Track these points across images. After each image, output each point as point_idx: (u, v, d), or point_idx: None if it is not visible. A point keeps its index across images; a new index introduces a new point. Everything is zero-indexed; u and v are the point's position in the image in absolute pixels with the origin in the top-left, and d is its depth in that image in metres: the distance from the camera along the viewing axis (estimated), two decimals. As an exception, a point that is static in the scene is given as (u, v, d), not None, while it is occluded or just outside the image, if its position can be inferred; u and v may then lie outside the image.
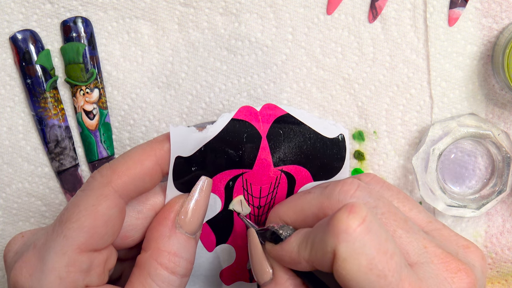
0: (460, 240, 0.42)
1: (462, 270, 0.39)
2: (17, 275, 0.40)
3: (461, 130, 0.51)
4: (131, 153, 0.42)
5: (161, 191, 0.44)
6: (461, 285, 0.38)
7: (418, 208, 0.43)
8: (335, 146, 0.49)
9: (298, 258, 0.40)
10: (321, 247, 0.37)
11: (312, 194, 0.43)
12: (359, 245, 0.36)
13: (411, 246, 0.39)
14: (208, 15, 0.53)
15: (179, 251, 0.42)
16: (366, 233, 0.36)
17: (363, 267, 0.36)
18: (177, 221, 0.43)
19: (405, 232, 0.40)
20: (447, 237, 0.41)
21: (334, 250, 0.36)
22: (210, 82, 0.54)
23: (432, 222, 0.43)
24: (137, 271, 0.42)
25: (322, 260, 0.37)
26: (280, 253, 0.41)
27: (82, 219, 0.39)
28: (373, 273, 0.36)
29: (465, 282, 0.38)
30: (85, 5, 0.53)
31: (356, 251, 0.36)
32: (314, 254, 0.38)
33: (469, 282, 0.38)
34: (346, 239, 0.36)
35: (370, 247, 0.36)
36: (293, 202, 0.44)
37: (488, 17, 0.53)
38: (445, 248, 0.40)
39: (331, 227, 0.36)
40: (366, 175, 0.45)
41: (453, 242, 0.41)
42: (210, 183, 0.44)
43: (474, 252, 0.41)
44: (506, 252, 0.55)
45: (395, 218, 0.40)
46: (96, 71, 0.53)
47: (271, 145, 0.47)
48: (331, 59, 0.54)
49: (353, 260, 0.36)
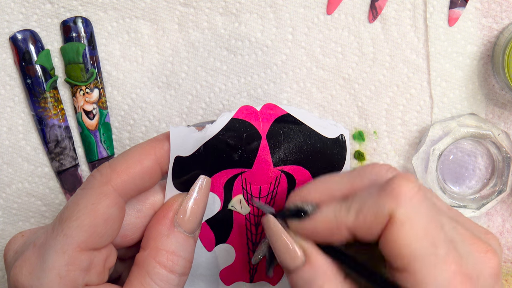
0: (479, 226, 0.42)
1: (490, 251, 0.39)
2: (17, 273, 0.40)
3: (461, 130, 0.51)
4: (131, 152, 0.42)
5: (160, 190, 0.44)
6: (491, 264, 0.38)
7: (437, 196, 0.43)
8: (336, 146, 0.49)
9: (336, 225, 0.39)
10: (374, 210, 0.37)
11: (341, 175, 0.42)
12: (417, 210, 0.36)
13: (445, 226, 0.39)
14: (208, 15, 0.53)
15: (177, 250, 0.42)
16: (423, 200, 0.36)
17: (419, 232, 0.36)
18: (175, 220, 0.43)
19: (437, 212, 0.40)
20: (468, 222, 0.42)
21: (391, 212, 0.36)
22: (210, 82, 0.54)
23: (451, 209, 0.43)
24: (135, 269, 0.42)
25: (371, 224, 0.37)
26: (311, 226, 0.40)
27: (82, 217, 0.39)
28: (427, 240, 0.36)
29: (493, 262, 0.39)
30: (85, 5, 0.53)
31: (414, 216, 0.36)
32: (363, 219, 0.37)
33: (496, 262, 0.39)
34: (406, 203, 0.36)
35: (426, 215, 0.36)
36: (317, 183, 0.43)
37: (488, 17, 0.53)
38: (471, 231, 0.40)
39: (390, 190, 0.36)
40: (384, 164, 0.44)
41: (474, 227, 0.41)
42: (208, 182, 0.44)
43: (494, 238, 0.41)
44: (506, 252, 0.55)
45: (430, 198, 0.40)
46: (96, 71, 0.53)
47: (271, 145, 0.47)
48: (331, 59, 0.54)
49: (411, 224, 0.36)
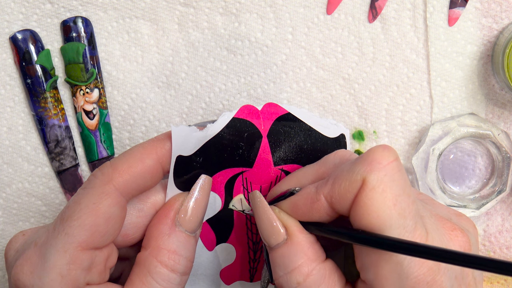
0: (452, 209, 0.42)
1: (457, 229, 0.39)
2: (18, 273, 0.40)
3: (461, 130, 0.51)
4: (132, 151, 0.42)
5: (162, 189, 0.44)
6: (458, 242, 0.39)
7: None
8: (336, 145, 0.49)
9: (315, 196, 0.39)
10: (348, 177, 0.37)
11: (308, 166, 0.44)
12: (389, 178, 0.36)
13: None
14: (208, 15, 0.53)
15: (178, 249, 0.42)
16: (397, 170, 0.36)
17: (388, 201, 0.36)
18: (177, 219, 0.43)
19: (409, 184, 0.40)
20: (439, 206, 0.42)
21: (364, 178, 0.36)
22: (210, 82, 0.54)
23: (422, 194, 0.43)
24: (137, 269, 0.42)
25: (345, 192, 0.37)
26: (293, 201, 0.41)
27: (84, 217, 0.39)
28: (395, 210, 0.36)
29: (461, 240, 0.39)
30: (85, 5, 0.53)
31: (385, 183, 0.36)
32: (338, 186, 0.38)
33: (465, 241, 0.39)
34: (378, 169, 0.36)
35: (398, 184, 0.36)
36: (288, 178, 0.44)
37: (488, 17, 0.53)
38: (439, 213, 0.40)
39: (365, 156, 0.37)
40: None
41: (445, 210, 0.42)
42: (210, 181, 0.44)
43: (466, 220, 0.41)
44: (504, 251, 0.55)
45: None
46: (96, 71, 0.53)
47: (271, 144, 0.47)
48: (331, 59, 0.54)
49: (382, 191, 0.36)
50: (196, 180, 0.44)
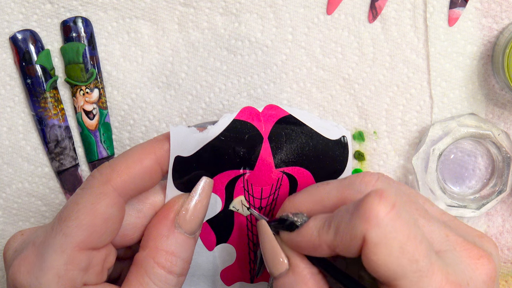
0: (474, 230, 0.42)
1: (483, 257, 0.39)
2: (16, 272, 0.40)
3: (461, 130, 0.51)
4: (131, 152, 0.42)
5: (161, 190, 0.44)
6: (484, 270, 0.38)
7: (430, 202, 0.44)
8: (338, 147, 0.49)
9: (318, 242, 0.39)
10: (349, 232, 0.37)
11: (331, 184, 0.43)
12: (390, 230, 0.36)
13: (434, 235, 0.39)
14: (208, 15, 0.53)
15: (177, 251, 0.42)
16: (396, 218, 0.36)
17: (395, 251, 0.36)
18: (176, 221, 0.43)
19: (427, 221, 0.40)
20: (462, 227, 0.42)
21: (364, 235, 0.36)
22: (210, 82, 0.54)
23: (445, 213, 0.43)
24: (134, 269, 0.42)
25: (348, 245, 0.37)
26: (297, 239, 0.41)
27: (81, 217, 0.39)
28: (405, 258, 0.36)
29: (487, 268, 0.39)
30: (85, 5, 0.53)
31: (387, 236, 0.36)
32: (340, 239, 0.38)
33: (491, 268, 0.39)
34: (377, 224, 0.36)
35: (401, 232, 0.36)
36: (310, 191, 0.44)
37: (488, 17, 0.53)
38: (464, 236, 0.40)
39: (362, 212, 0.36)
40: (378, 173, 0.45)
41: (468, 232, 0.41)
42: (211, 183, 0.44)
43: (489, 241, 0.41)
44: (505, 252, 0.55)
45: (417, 207, 0.40)
46: (96, 71, 0.53)
47: (272, 146, 0.47)
48: (331, 59, 0.54)
49: (385, 245, 0.36)
50: (195, 181, 0.44)
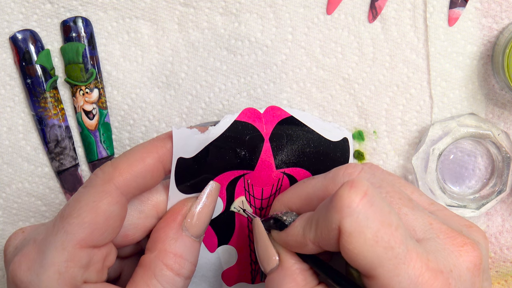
0: (462, 220, 0.42)
1: (468, 244, 0.39)
2: (16, 269, 0.40)
3: (461, 130, 0.51)
4: (133, 151, 0.42)
5: (163, 190, 0.44)
6: (468, 258, 0.38)
7: (419, 192, 0.44)
8: (339, 149, 0.49)
9: (304, 241, 0.40)
10: (326, 225, 0.37)
11: (316, 179, 0.44)
12: (363, 218, 0.36)
13: (416, 223, 0.40)
14: (208, 15, 0.53)
15: (184, 253, 0.42)
16: (369, 206, 0.36)
17: (369, 240, 0.36)
18: (184, 224, 0.43)
19: (410, 210, 0.40)
20: (450, 217, 0.42)
21: (339, 226, 0.36)
22: (210, 82, 0.54)
23: (434, 203, 0.43)
24: (141, 271, 0.42)
25: (328, 239, 0.37)
26: (286, 239, 0.41)
27: (83, 214, 0.39)
28: (379, 245, 0.36)
29: (471, 255, 0.39)
30: (85, 5, 0.53)
31: (360, 225, 0.36)
32: (320, 234, 0.38)
33: (475, 255, 0.39)
34: (349, 214, 0.36)
35: (374, 220, 0.36)
36: (297, 188, 0.44)
37: (488, 17, 0.53)
38: (449, 225, 0.40)
39: (334, 203, 0.37)
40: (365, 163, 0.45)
41: (456, 221, 0.42)
42: (218, 188, 0.45)
43: (477, 231, 0.41)
44: (505, 251, 0.55)
45: (400, 197, 0.41)
46: (96, 71, 0.53)
47: (273, 147, 0.47)
48: (331, 59, 0.54)
49: (359, 233, 0.36)
50: (197, 182, 0.44)
